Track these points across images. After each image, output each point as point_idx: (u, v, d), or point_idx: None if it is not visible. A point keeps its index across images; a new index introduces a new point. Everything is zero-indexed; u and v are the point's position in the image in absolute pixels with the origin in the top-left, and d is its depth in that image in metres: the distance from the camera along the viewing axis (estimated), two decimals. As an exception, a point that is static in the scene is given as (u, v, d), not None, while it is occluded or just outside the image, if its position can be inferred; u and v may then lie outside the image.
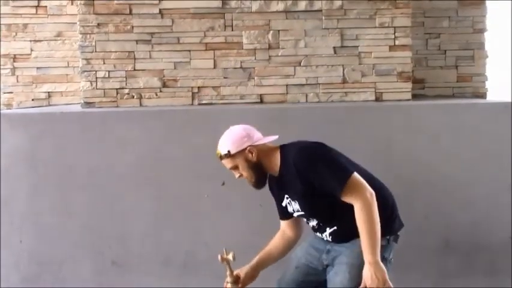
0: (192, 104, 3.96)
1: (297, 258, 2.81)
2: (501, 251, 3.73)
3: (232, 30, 3.94)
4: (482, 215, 3.73)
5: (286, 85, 3.97)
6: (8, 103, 4.52)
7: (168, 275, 3.67)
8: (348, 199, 2.51)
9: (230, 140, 2.68)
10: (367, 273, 2.45)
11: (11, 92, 4.53)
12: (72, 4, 4.45)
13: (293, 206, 2.71)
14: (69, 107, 4.20)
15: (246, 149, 2.64)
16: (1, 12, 4.46)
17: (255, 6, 3.92)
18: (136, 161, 3.63)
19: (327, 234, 2.67)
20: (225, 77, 3.96)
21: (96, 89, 3.91)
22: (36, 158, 3.63)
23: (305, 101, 3.98)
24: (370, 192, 2.50)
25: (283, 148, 2.69)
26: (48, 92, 4.53)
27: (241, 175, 2.70)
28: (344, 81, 3.98)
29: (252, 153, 2.64)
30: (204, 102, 3.97)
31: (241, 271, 2.80)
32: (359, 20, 3.95)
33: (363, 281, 2.47)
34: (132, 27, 3.90)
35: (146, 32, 3.90)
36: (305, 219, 2.75)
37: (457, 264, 3.73)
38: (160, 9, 3.90)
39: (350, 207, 2.54)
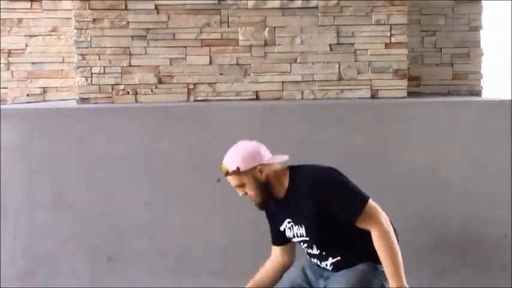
0: (188, 101, 3.95)
1: (292, 278, 2.69)
2: (497, 249, 3.75)
3: (228, 26, 3.93)
4: (478, 213, 3.74)
5: (282, 82, 3.97)
6: (3, 98, 4.50)
7: (163, 270, 3.67)
8: (363, 225, 2.43)
9: (240, 155, 2.49)
10: None
11: (6, 88, 4.50)
12: (67, -1, 4.43)
13: (295, 231, 2.57)
14: (64, 102, 4.19)
15: (256, 167, 2.48)
16: (-4, 7, 4.44)
17: (251, 3, 3.92)
18: (131, 157, 3.63)
19: (328, 264, 2.57)
20: (220, 74, 3.96)
21: (92, 84, 3.90)
22: (31, 153, 3.62)
23: (301, 98, 3.98)
24: (385, 217, 2.45)
25: (292, 170, 2.56)
26: (43, 88, 4.51)
27: (246, 193, 2.55)
28: (340, 78, 3.99)
29: (261, 173, 2.49)
30: (199, 98, 3.96)
31: None
32: (355, 17, 3.95)
33: None
34: (128, 22, 3.89)
35: (142, 28, 3.89)
36: (305, 247, 2.62)
37: (453, 263, 3.75)
38: (156, 5, 3.89)
39: (358, 240, 2.47)
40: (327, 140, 3.65)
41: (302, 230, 2.54)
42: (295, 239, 2.61)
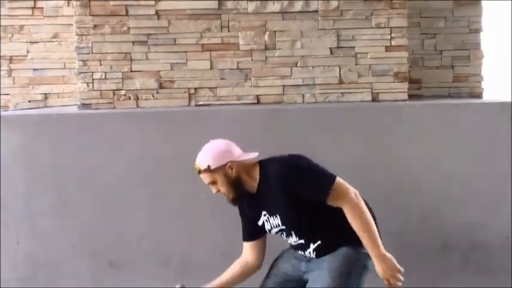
0: (189, 105, 3.96)
1: (277, 266, 2.79)
2: (499, 251, 3.74)
3: (228, 31, 3.94)
4: (479, 215, 3.74)
5: (283, 86, 3.97)
6: (5, 105, 4.51)
7: (165, 275, 3.67)
8: (335, 203, 2.53)
9: (210, 154, 2.64)
10: (378, 267, 2.49)
11: (8, 94, 4.52)
12: (68, 5, 4.44)
13: (271, 222, 2.67)
14: (65, 108, 4.20)
15: (226, 164, 2.61)
16: (-3, 14, 4.46)
17: (251, 7, 3.93)
18: (133, 162, 3.63)
19: (310, 251, 2.65)
20: (221, 78, 3.96)
21: (93, 90, 3.91)
22: (33, 159, 3.63)
23: (302, 102, 3.98)
24: (354, 192, 2.55)
25: (262, 164, 2.66)
26: (45, 94, 4.52)
27: (218, 190, 2.68)
28: (340, 81, 3.99)
29: (232, 169, 2.61)
30: (200, 103, 3.97)
31: None
32: (355, 20, 3.96)
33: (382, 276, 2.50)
34: (129, 28, 3.90)
35: (142, 33, 3.90)
36: (285, 236, 2.70)
37: (454, 265, 3.74)
38: (156, 11, 3.90)
39: (333, 220, 2.56)
40: (328, 143, 3.66)
41: (277, 220, 2.63)
42: (274, 230, 2.69)
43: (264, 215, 2.68)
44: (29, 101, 4.52)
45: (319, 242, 2.61)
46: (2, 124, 3.61)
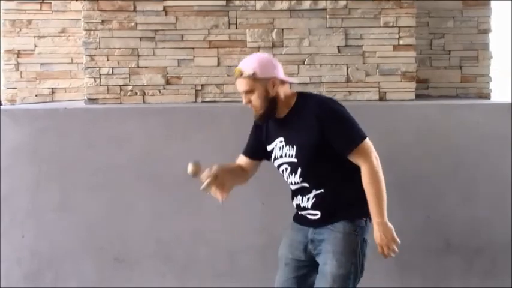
0: (196, 102, 3.96)
1: (284, 256, 2.73)
2: (502, 252, 3.73)
3: (236, 28, 3.94)
4: (483, 216, 3.73)
5: (290, 84, 3.96)
6: (12, 99, 4.52)
7: (169, 272, 3.67)
8: (356, 160, 2.54)
9: (259, 62, 2.56)
10: (377, 233, 2.51)
11: (15, 88, 4.53)
12: (76, 0, 4.45)
13: (284, 151, 2.62)
14: (72, 103, 4.20)
15: (270, 79, 2.55)
16: (6, 8, 4.46)
17: (259, 5, 3.92)
18: (138, 158, 3.63)
19: (310, 197, 2.60)
20: (228, 75, 3.96)
21: (100, 85, 3.92)
22: (39, 153, 3.64)
23: (308, 100, 3.97)
24: (376, 157, 2.57)
25: (300, 94, 2.66)
26: (52, 88, 4.53)
27: (250, 101, 2.60)
28: (348, 80, 3.98)
29: (273, 86, 2.56)
30: (207, 99, 3.97)
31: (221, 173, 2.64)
32: (363, 19, 3.95)
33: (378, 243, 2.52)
34: (136, 24, 3.90)
35: (150, 29, 3.91)
36: (289, 171, 2.63)
37: (457, 265, 3.73)
38: (164, 7, 3.90)
39: (345, 179, 2.57)
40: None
41: (292, 151, 2.60)
42: (280, 160, 2.65)
43: (280, 142, 2.64)
44: (36, 96, 4.53)
45: (322, 190, 2.58)
46: (8, 118, 3.62)
